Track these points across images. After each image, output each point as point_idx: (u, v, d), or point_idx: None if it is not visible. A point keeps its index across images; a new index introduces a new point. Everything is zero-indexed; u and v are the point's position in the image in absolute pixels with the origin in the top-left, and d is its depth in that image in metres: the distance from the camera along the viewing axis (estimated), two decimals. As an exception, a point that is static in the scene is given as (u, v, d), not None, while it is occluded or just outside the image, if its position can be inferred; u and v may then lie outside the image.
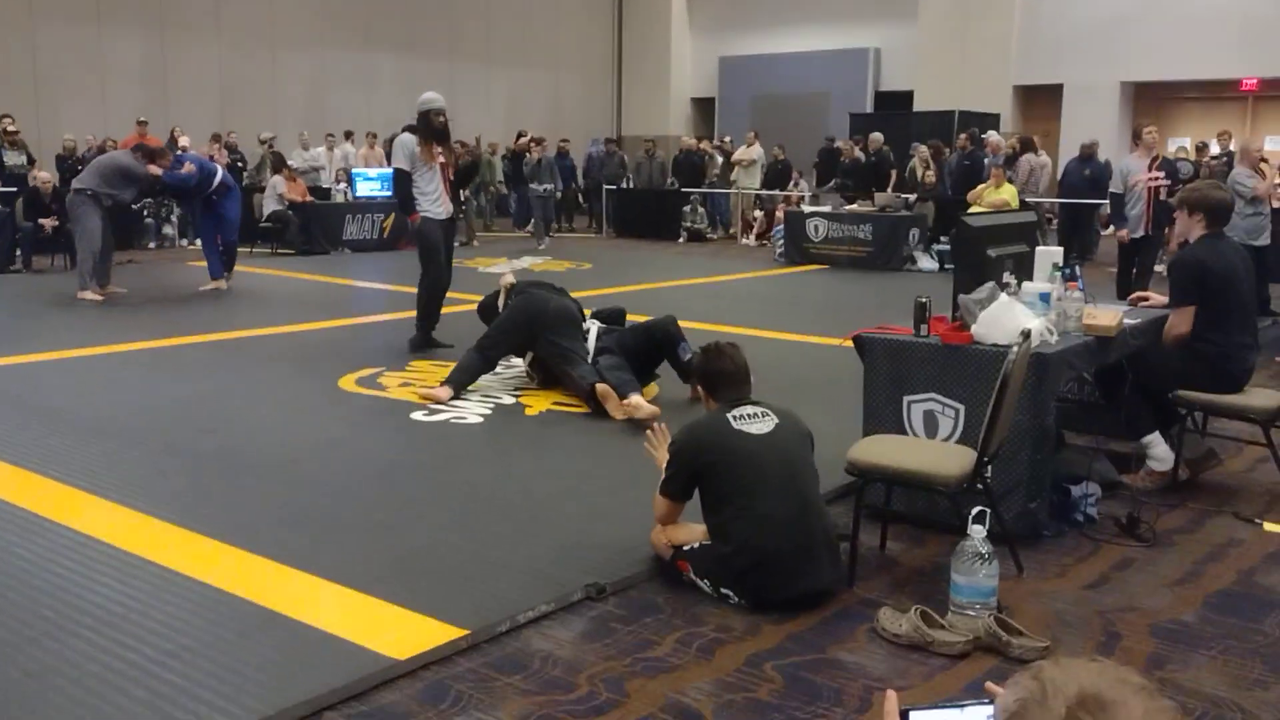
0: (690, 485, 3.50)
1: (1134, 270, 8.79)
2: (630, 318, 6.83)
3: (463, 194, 8.61)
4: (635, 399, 5.66)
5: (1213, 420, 5.15)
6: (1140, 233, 8.60)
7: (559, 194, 17.42)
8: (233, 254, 11.21)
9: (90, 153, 15.05)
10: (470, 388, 6.30)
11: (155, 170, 10.26)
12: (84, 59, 17.11)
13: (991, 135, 15.44)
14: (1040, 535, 4.02)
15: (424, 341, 7.68)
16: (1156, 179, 8.59)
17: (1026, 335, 3.66)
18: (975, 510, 3.23)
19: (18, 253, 12.33)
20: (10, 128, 13.99)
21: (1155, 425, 4.64)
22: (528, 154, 16.99)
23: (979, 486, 3.61)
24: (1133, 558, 3.87)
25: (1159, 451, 4.64)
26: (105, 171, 10.09)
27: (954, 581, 3.22)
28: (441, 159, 7.63)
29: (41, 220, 12.09)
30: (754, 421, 3.48)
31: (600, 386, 5.78)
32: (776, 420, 3.50)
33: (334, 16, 20.15)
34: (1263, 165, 9.58)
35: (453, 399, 6.11)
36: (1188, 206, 4.73)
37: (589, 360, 6.06)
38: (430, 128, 7.56)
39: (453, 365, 6.42)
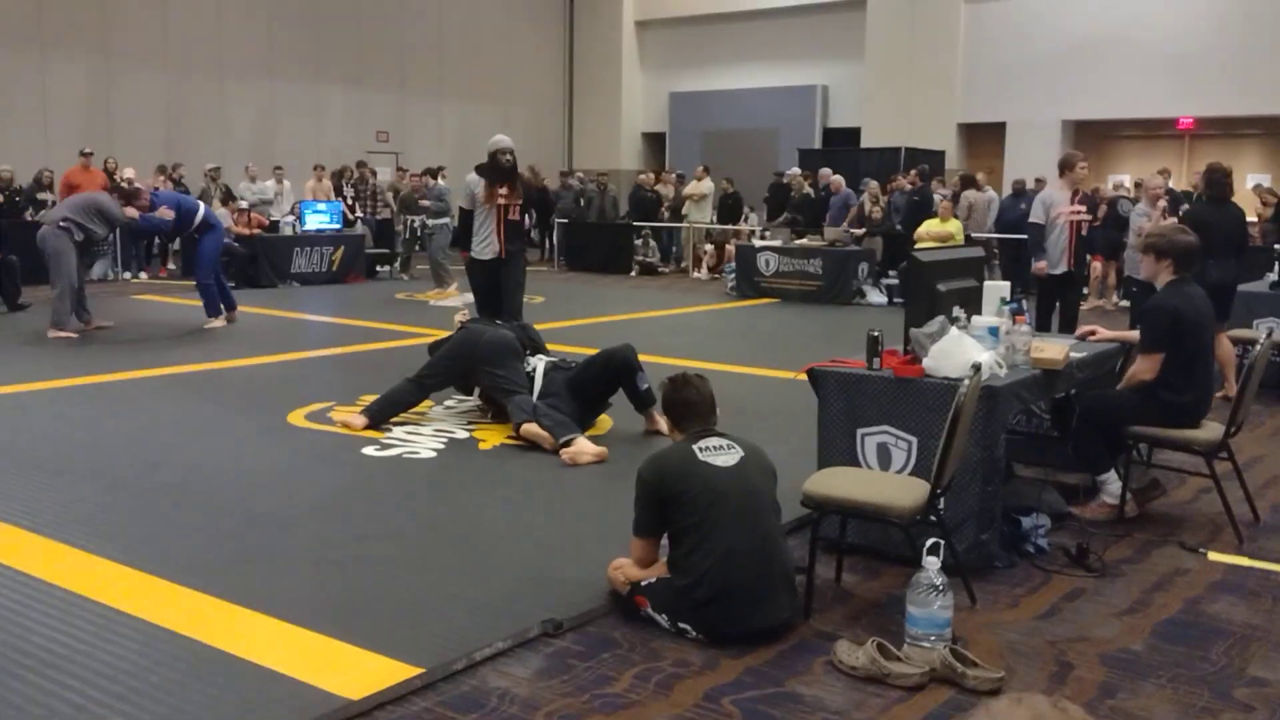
0: (661, 518, 3.46)
1: (1055, 305, 8.39)
2: (580, 350, 6.83)
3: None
4: (576, 446, 5.55)
5: (1156, 451, 5.25)
6: (1061, 268, 8.27)
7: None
8: (209, 294, 10.50)
9: (29, 185, 14.82)
10: (422, 420, 6.26)
11: (132, 213, 10.02)
12: (25, 86, 16.86)
13: (832, 176, 16.02)
14: (992, 566, 4.06)
15: None
16: (1078, 212, 8.21)
17: (977, 368, 3.71)
18: (930, 542, 3.26)
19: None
20: None
21: (1110, 461, 4.72)
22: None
23: (932, 518, 3.65)
24: (1083, 588, 3.93)
25: (1114, 488, 4.72)
26: (82, 208, 9.85)
27: (909, 613, 3.25)
28: (503, 200, 7.82)
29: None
30: (719, 454, 3.47)
31: (527, 427, 5.77)
32: (741, 453, 3.50)
33: (283, 47, 20.07)
34: (1159, 202, 9.72)
35: (368, 428, 6.15)
36: (1155, 251, 4.77)
37: (530, 393, 6.04)
38: (497, 167, 7.81)
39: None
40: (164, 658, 3.19)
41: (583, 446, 5.55)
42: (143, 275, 15.44)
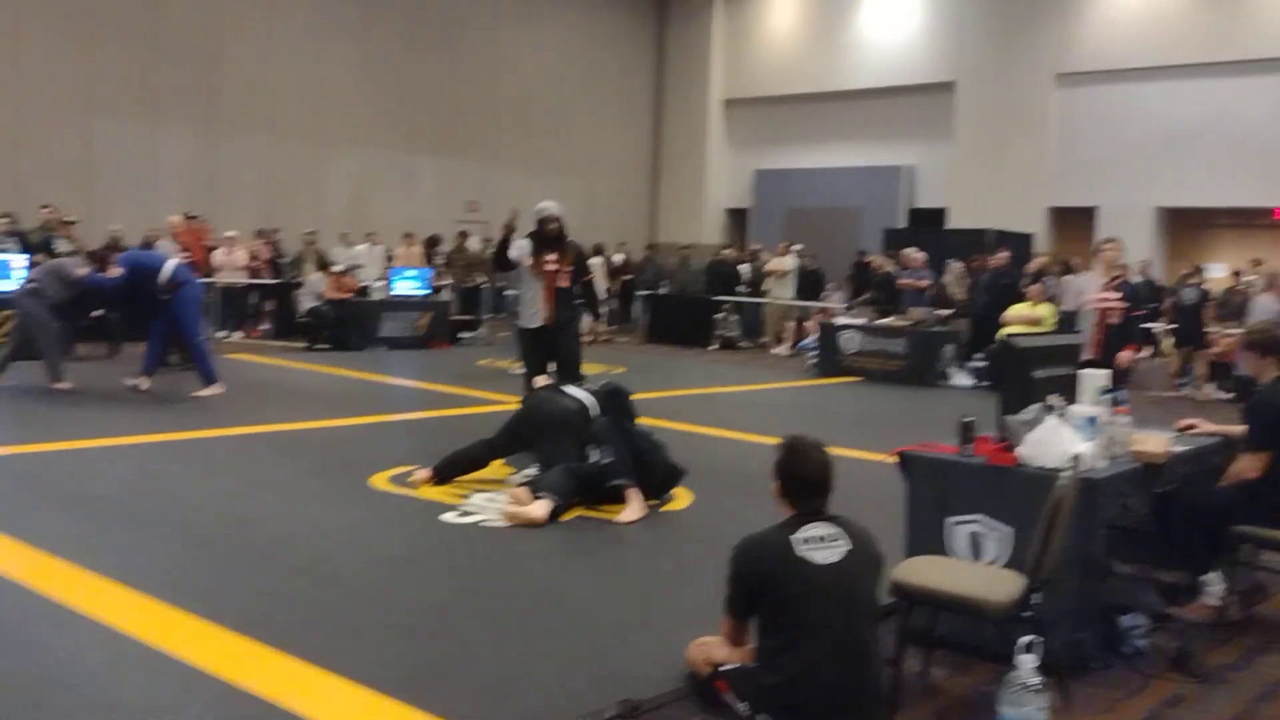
0: (751, 603, 3.26)
1: None
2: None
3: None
4: (527, 505, 5.65)
5: (1260, 552, 5.02)
6: (1086, 356, 7.80)
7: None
8: (199, 356, 9.91)
9: (139, 245, 15.41)
10: (500, 488, 6.28)
11: (81, 271, 9.69)
12: (136, 152, 17.65)
13: (915, 254, 15.77)
14: (1087, 667, 3.89)
15: None
16: (1107, 300, 7.70)
17: (1077, 459, 3.60)
18: (1026, 639, 3.13)
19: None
20: (67, 218, 14.24)
21: (1212, 560, 4.53)
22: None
23: (1026, 614, 3.51)
24: (1183, 695, 3.74)
25: (1217, 589, 4.52)
26: (45, 271, 9.95)
27: (1002, 714, 3.11)
28: (550, 267, 7.71)
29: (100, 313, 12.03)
30: (821, 547, 3.19)
31: (518, 490, 5.88)
32: (848, 546, 3.22)
33: (378, 120, 20.76)
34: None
35: (431, 481, 6.30)
36: (1259, 348, 4.67)
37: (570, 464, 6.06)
38: (540, 235, 7.74)
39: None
40: (244, 718, 3.19)
41: (523, 509, 5.60)
42: (238, 335, 15.89)
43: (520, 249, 7.85)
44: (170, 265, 9.74)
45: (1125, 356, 7.67)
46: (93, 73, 17.11)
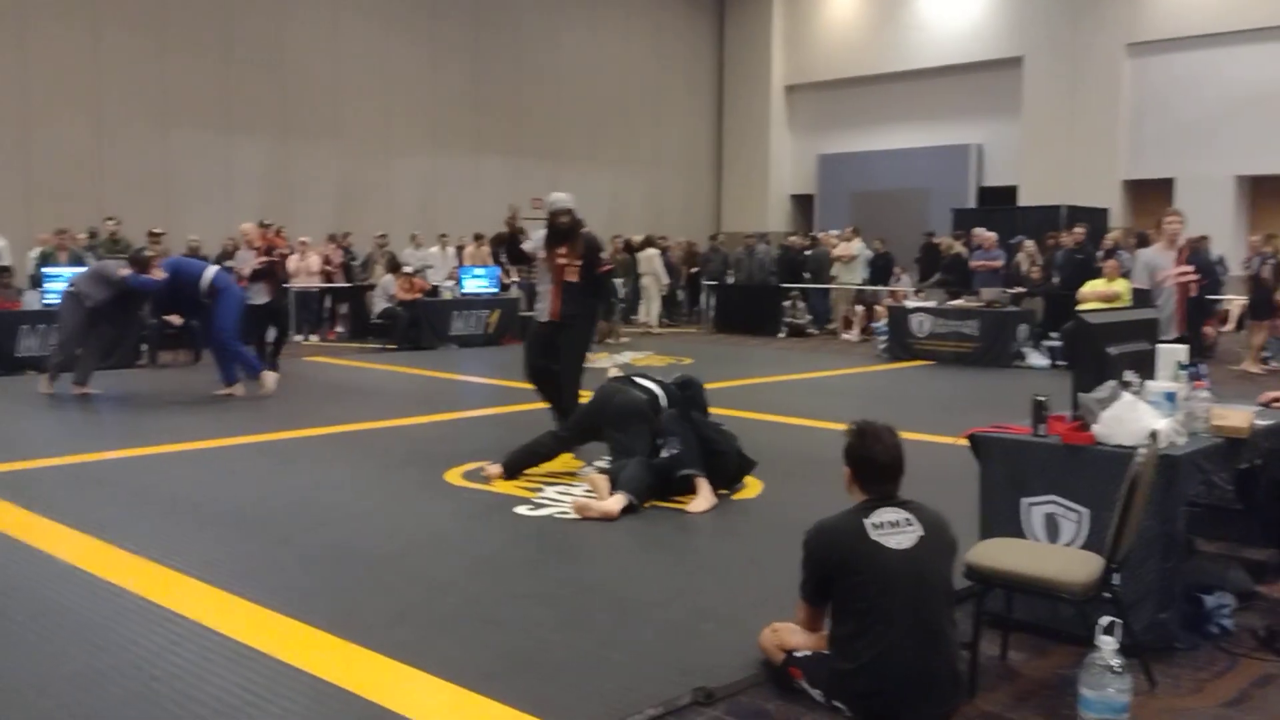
0: (826, 588, 3.27)
1: None
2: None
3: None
4: (598, 501, 5.69)
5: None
6: (1171, 334, 7.63)
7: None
8: (227, 356, 10.16)
9: (217, 254, 15.79)
10: (574, 480, 6.33)
11: (123, 272, 9.88)
12: (212, 162, 18.10)
13: (986, 233, 15.51)
14: (1172, 648, 3.80)
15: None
16: (1186, 274, 7.62)
17: (1154, 436, 3.52)
18: (1105, 620, 3.08)
19: (144, 348, 12.89)
20: (154, 230, 14.33)
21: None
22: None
23: (1106, 595, 3.44)
24: (1274, 674, 3.65)
25: (1305, 564, 4.39)
26: (88, 275, 10.22)
27: (1083, 696, 3.07)
28: (561, 260, 7.36)
29: (166, 317, 12.47)
30: (894, 532, 3.19)
31: (594, 478, 5.96)
32: (920, 532, 3.21)
33: (445, 121, 21.03)
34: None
35: (503, 477, 6.39)
36: None
37: (645, 456, 6.06)
38: (551, 229, 7.44)
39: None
40: (328, 712, 3.28)
41: (598, 503, 5.64)
42: (313, 338, 16.22)
43: (535, 242, 7.60)
44: (210, 272, 10.16)
45: (1210, 331, 7.50)
46: (167, 85, 17.60)
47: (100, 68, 16.93)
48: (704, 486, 5.87)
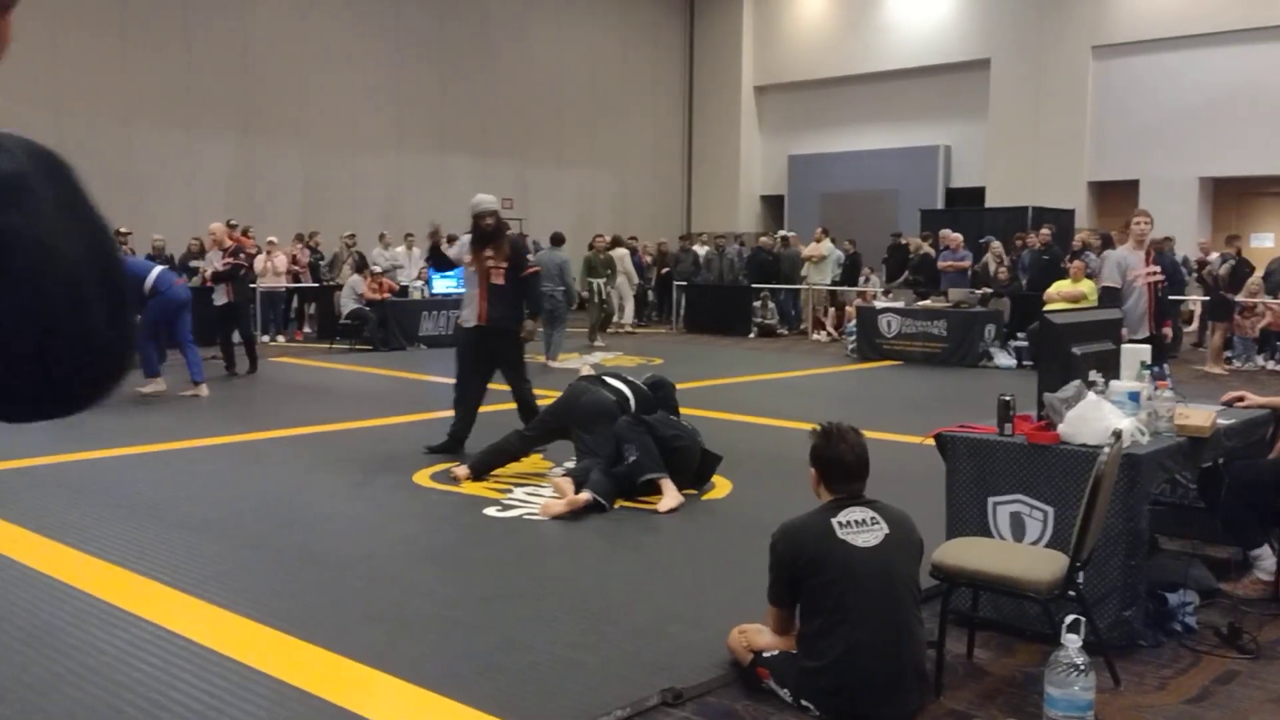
0: (794, 589, 3.28)
1: None
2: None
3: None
4: (560, 499, 5.71)
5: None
6: (1142, 333, 7.81)
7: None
8: (145, 355, 10.13)
9: (183, 254, 15.63)
10: (543, 481, 6.31)
11: None
12: (175, 161, 17.90)
13: (951, 234, 15.68)
14: (1137, 645, 3.84)
15: (441, 446, 7.30)
16: (1154, 273, 7.74)
17: (1118, 436, 3.55)
18: (1070, 618, 3.10)
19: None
20: (121, 229, 14.25)
21: (1263, 534, 4.45)
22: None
23: (1071, 593, 3.47)
24: (1236, 671, 3.69)
25: (1268, 564, 4.44)
26: None
27: (1048, 694, 3.09)
28: (488, 263, 7.20)
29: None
30: (860, 531, 3.22)
31: (558, 481, 5.94)
32: (886, 530, 3.24)
33: (412, 121, 20.91)
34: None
35: (471, 478, 6.36)
36: None
37: (608, 459, 6.05)
38: (477, 231, 7.27)
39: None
40: (293, 717, 3.24)
41: (566, 498, 5.68)
42: (280, 338, 16.08)
43: (460, 246, 7.48)
44: (154, 274, 10.32)
45: (1167, 331, 7.65)
46: (128, 82, 17.38)
47: (59, 65, 16.69)
48: (668, 486, 5.86)
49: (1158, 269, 7.91)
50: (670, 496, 5.82)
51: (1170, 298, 9.88)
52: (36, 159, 0.80)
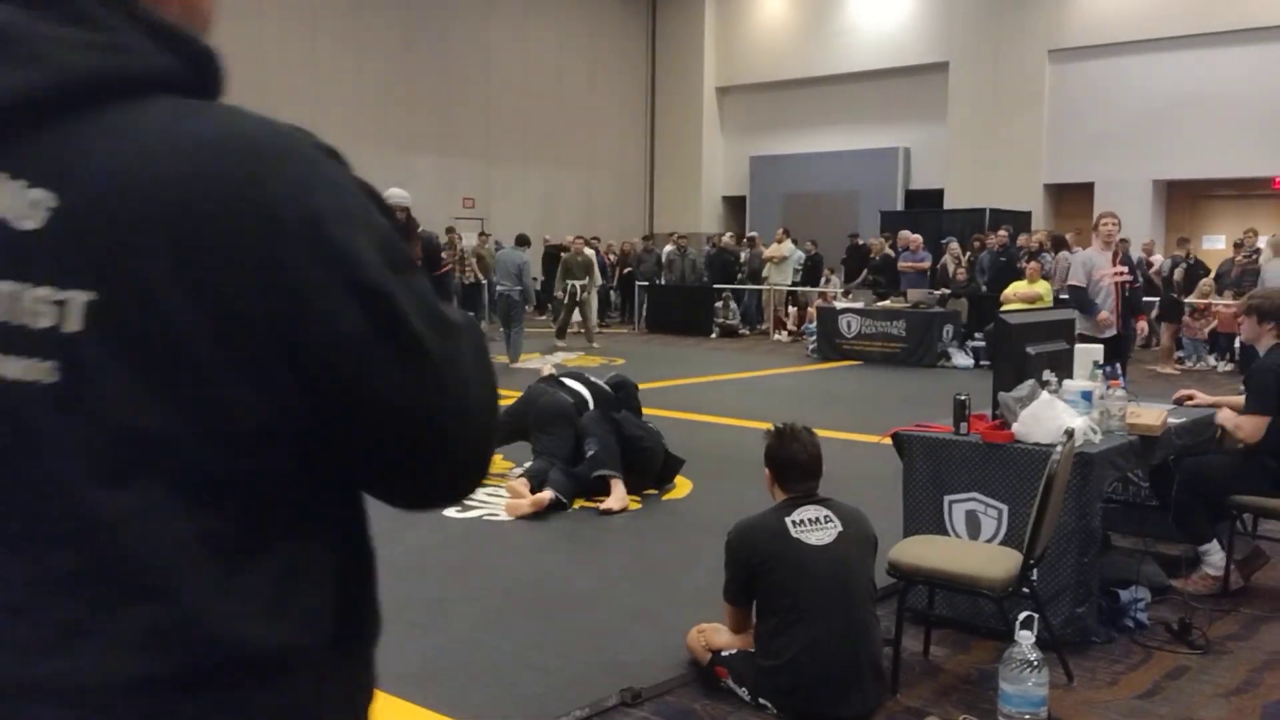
0: (750, 588, 3.30)
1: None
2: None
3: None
4: (521, 497, 5.71)
5: (1261, 520, 5.03)
6: (1110, 331, 7.98)
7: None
8: None
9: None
10: (502, 483, 6.28)
11: None
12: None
13: (911, 235, 15.78)
14: (1089, 641, 3.89)
15: None
16: (1121, 273, 7.96)
17: (1070, 434, 3.59)
18: (1023, 615, 3.14)
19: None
20: None
21: (1211, 530, 4.53)
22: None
23: (1025, 590, 3.51)
24: (1186, 666, 3.74)
25: (1216, 559, 4.51)
26: None
27: (1002, 690, 3.12)
28: None
29: None
30: (814, 529, 3.25)
31: (512, 484, 5.90)
32: (839, 528, 3.26)
33: (373, 118, 20.73)
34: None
35: None
36: (1258, 314, 4.64)
37: (565, 460, 6.06)
38: None
39: None
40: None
41: (527, 498, 5.67)
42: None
43: None
44: None
45: (1142, 326, 7.85)
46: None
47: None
48: (618, 486, 5.86)
49: (1125, 269, 8.08)
50: (617, 498, 5.80)
51: (1145, 298, 10.10)
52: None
